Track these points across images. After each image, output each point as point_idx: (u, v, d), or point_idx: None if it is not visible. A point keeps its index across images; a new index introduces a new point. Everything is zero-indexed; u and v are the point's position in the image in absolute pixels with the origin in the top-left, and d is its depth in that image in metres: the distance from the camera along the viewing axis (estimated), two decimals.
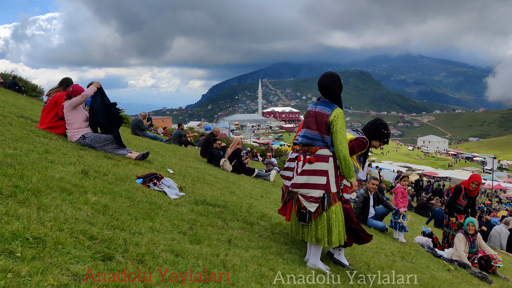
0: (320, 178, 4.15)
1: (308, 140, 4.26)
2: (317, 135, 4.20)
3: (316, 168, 4.17)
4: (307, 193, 4.20)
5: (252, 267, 3.59)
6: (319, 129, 4.18)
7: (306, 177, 4.21)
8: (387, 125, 4.97)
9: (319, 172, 4.16)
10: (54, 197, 3.56)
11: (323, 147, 4.18)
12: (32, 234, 2.68)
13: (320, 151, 4.18)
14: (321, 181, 4.14)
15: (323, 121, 4.16)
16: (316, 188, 4.15)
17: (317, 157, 4.17)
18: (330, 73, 4.37)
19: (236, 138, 12.79)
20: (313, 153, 4.20)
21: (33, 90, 24.10)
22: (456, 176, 69.10)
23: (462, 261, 7.74)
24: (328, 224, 4.18)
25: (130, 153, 7.07)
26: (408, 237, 9.06)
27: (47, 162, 4.78)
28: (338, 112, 4.15)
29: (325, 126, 4.15)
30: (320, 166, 4.16)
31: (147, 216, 4.05)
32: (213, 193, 6.54)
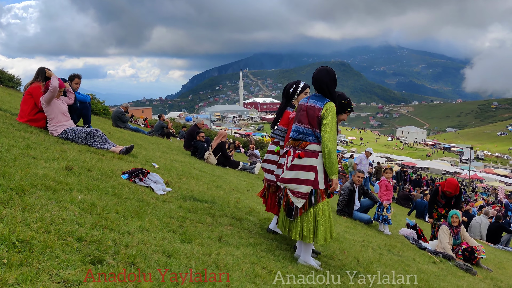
0: (308, 173, 4.07)
1: (299, 134, 4.17)
2: (308, 129, 4.11)
3: (305, 164, 4.09)
4: (295, 188, 4.12)
5: (245, 266, 3.52)
6: (311, 123, 4.09)
7: (295, 172, 4.12)
8: (343, 94, 4.75)
9: (307, 167, 4.08)
10: (39, 196, 3.43)
11: (313, 142, 4.10)
12: (18, 238, 2.56)
13: (310, 146, 4.10)
14: (309, 177, 4.06)
15: (314, 115, 4.08)
16: (304, 183, 4.07)
17: (307, 152, 4.09)
18: (325, 67, 4.28)
19: (221, 131, 12.68)
20: (303, 148, 4.12)
21: (9, 80, 23.46)
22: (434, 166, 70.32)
23: (447, 253, 7.83)
24: (314, 220, 4.11)
25: (114, 147, 6.91)
26: (392, 228, 9.12)
27: (30, 158, 4.61)
28: (330, 106, 4.07)
29: (316, 120, 4.07)
30: (309, 162, 4.08)
31: (135, 214, 3.94)
32: (199, 188, 6.44)
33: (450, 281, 6.22)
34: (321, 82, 4.17)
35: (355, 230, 7.54)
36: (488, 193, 48.37)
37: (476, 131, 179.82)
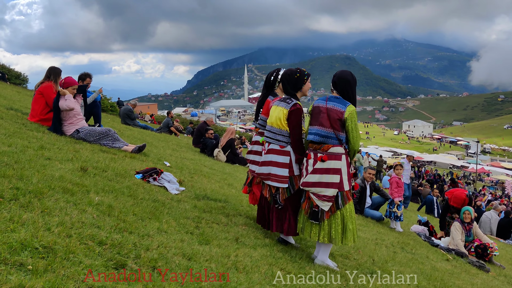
0: (333, 176, 4.04)
1: (321, 138, 4.10)
2: (331, 132, 4.05)
3: (329, 167, 4.05)
4: (320, 191, 4.07)
5: (264, 267, 3.51)
6: (333, 126, 4.04)
7: (318, 176, 4.08)
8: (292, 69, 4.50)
9: (332, 170, 4.05)
10: (57, 199, 3.43)
11: (336, 145, 4.06)
12: (41, 243, 2.55)
13: (333, 149, 4.06)
14: (335, 180, 4.03)
15: (336, 118, 4.02)
16: (329, 186, 4.04)
17: (330, 155, 4.05)
18: (349, 71, 4.28)
19: (230, 127, 12.67)
20: (325, 151, 4.08)
21: (16, 77, 23.55)
22: (441, 160, 70.03)
23: (459, 250, 7.78)
24: (342, 223, 4.09)
25: (126, 146, 6.91)
26: (403, 225, 9.09)
27: (44, 159, 4.62)
28: (352, 110, 4.05)
29: (339, 123, 4.03)
30: (333, 165, 4.05)
31: (152, 215, 3.93)
32: (212, 187, 6.44)
33: (464, 278, 6.19)
34: (346, 84, 4.14)
35: (367, 228, 7.51)
36: (495, 187, 48.17)
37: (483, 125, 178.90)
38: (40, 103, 7.03)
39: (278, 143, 4.38)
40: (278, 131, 4.36)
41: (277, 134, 4.37)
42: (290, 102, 4.31)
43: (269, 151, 4.44)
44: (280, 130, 4.34)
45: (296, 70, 4.45)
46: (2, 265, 2.23)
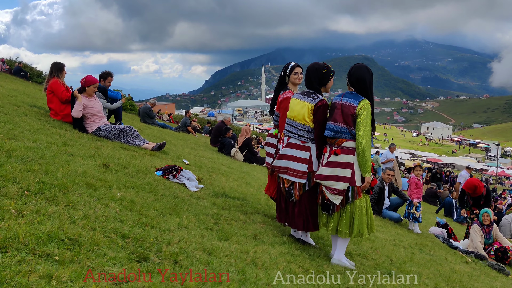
0: (345, 170, 4.03)
1: (334, 133, 4.11)
2: (344, 127, 4.05)
3: (341, 161, 4.04)
4: (331, 185, 4.08)
5: (282, 264, 3.54)
6: (346, 121, 4.04)
7: (331, 169, 4.08)
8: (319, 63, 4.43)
9: (344, 164, 4.04)
10: (81, 194, 3.51)
11: (350, 139, 4.05)
12: (66, 235, 2.63)
13: (347, 143, 4.05)
14: (346, 174, 4.03)
15: (349, 113, 4.02)
16: (340, 180, 4.04)
17: (343, 149, 4.05)
18: (364, 65, 4.21)
19: (244, 127, 12.69)
20: (339, 145, 4.08)
21: (38, 76, 24.01)
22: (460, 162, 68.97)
23: (479, 252, 7.70)
24: (351, 217, 4.09)
25: (146, 144, 7.00)
26: (421, 227, 9.01)
27: (68, 155, 4.72)
28: (365, 104, 4.01)
29: (351, 118, 4.01)
30: (345, 159, 4.04)
31: (173, 211, 4.00)
32: (230, 185, 6.49)
33: (484, 281, 6.13)
34: (361, 79, 4.11)
35: (385, 229, 7.48)
36: None
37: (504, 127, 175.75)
38: (54, 101, 7.11)
39: (299, 138, 4.34)
40: (300, 125, 4.32)
41: (299, 129, 4.34)
42: (316, 98, 4.28)
43: (289, 145, 4.40)
44: (302, 125, 4.30)
45: (324, 65, 4.41)
46: (31, 255, 2.30)
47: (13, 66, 22.70)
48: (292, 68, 4.90)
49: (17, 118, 5.98)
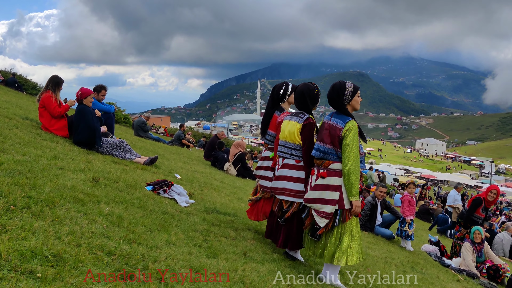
0: (332, 193, 3.98)
1: (321, 153, 4.07)
2: (331, 149, 4.01)
3: (328, 183, 4.00)
4: (320, 208, 4.03)
5: (271, 283, 3.50)
6: (333, 143, 3.99)
7: (318, 192, 4.04)
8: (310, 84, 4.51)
9: (332, 187, 3.99)
10: (68, 209, 3.47)
11: (336, 161, 4.00)
12: (50, 252, 2.59)
13: (333, 165, 4.01)
14: (334, 197, 3.97)
15: (336, 134, 3.98)
16: (328, 203, 3.98)
17: (330, 171, 4.01)
18: (335, 83, 4.17)
19: (237, 141, 12.63)
20: (326, 167, 4.04)
21: (33, 88, 23.90)
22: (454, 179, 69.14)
23: (471, 271, 7.66)
24: (338, 241, 4.02)
25: (138, 158, 6.97)
26: (414, 244, 8.98)
27: (57, 169, 4.69)
28: (351, 125, 3.96)
29: (337, 140, 3.97)
30: (333, 181, 3.99)
31: (161, 227, 3.96)
32: (221, 200, 6.45)
33: None
34: (332, 101, 4.12)
35: (377, 246, 7.45)
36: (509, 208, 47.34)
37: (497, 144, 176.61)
38: (45, 115, 7.00)
39: (293, 158, 4.38)
40: (292, 145, 4.36)
41: (292, 149, 4.38)
42: (303, 117, 4.35)
43: (284, 166, 4.43)
44: (294, 144, 4.35)
45: (314, 85, 4.49)
46: (12, 272, 2.26)
47: (8, 77, 22.63)
48: (293, 89, 4.91)
49: (8, 130, 5.93)
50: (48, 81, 7.28)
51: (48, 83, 7.23)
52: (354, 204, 3.95)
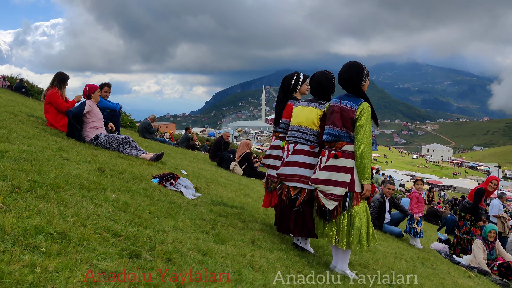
0: (344, 175, 3.86)
1: (333, 137, 3.96)
2: (343, 132, 3.90)
3: (341, 165, 3.88)
4: (328, 190, 3.91)
5: (280, 268, 3.41)
6: (345, 125, 3.88)
7: (328, 173, 3.92)
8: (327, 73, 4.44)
9: (343, 169, 3.87)
10: (74, 193, 3.41)
11: (349, 143, 3.89)
12: (55, 229, 2.52)
13: (347, 146, 3.89)
14: (345, 179, 3.86)
15: (348, 117, 3.87)
16: (338, 185, 3.87)
17: (343, 152, 3.89)
18: (349, 62, 4.07)
19: (244, 141, 12.56)
20: (339, 148, 3.92)
21: (39, 93, 23.98)
22: (461, 185, 68.75)
23: (482, 268, 7.53)
24: (349, 225, 3.90)
25: (144, 154, 6.91)
26: (423, 243, 8.85)
27: (63, 159, 4.63)
28: (365, 107, 3.86)
29: (350, 122, 3.87)
30: (345, 163, 3.87)
31: (168, 214, 3.89)
32: (228, 195, 6.38)
33: None
34: (345, 80, 3.99)
35: (386, 243, 7.33)
36: None
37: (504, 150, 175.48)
38: (51, 111, 7.02)
39: (308, 143, 4.27)
40: (309, 131, 4.27)
41: (308, 134, 4.27)
42: (323, 103, 4.29)
43: (296, 152, 4.31)
44: (311, 130, 4.26)
45: (330, 74, 4.43)
46: (16, 246, 2.20)
47: (14, 83, 22.74)
48: (305, 79, 4.88)
49: (13, 124, 5.90)
50: (53, 77, 7.28)
51: (53, 79, 7.23)
52: (365, 187, 3.84)
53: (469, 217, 8.61)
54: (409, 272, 5.32)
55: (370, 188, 3.87)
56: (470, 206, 8.58)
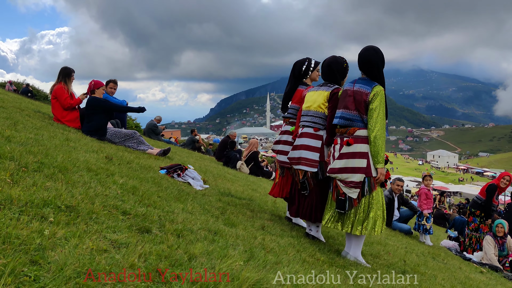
0: (360, 161, 3.77)
1: (346, 121, 3.88)
2: (356, 115, 3.83)
3: (355, 151, 3.79)
4: (347, 178, 3.82)
5: (291, 252, 3.34)
6: (358, 109, 3.81)
7: (344, 161, 3.83)
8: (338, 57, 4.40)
9: (358, 154, 3.78)
10: (82, 175, 3.36)
11: (362, 128, 3.82)
12: (64, 203, 2.47)
13: (360, 131, 3.81)
14: (362, 164, 3.77)
15: (362, 100, 3.79)
16: (356, 172, 3.78)
17: (356, 138, 3.81)
18: (372, 46, 3.98)
19: (252, 139, 12.52)
20: (351, 134, 3.85)
21: (44, 98, 24.07)
22: (467, 190, 68.16)
23: (493, 264, 7.40)
24: (367, 211, 3.82)
25: (151, 149, 6.86)
26: (432, 240, 8.72)
27: (70, 148, 4.58)
28: (378, 90, 3.79)
29: (364, 105, 3.79)
30: (359, 148, 3.79)
31: (177, 199, 3.83)
32: (236, 188, 6.32)
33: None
34: (370, 63, 3.89)
35: (396, 238, 7.23)
36: None
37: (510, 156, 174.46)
38: (57, 107, 6.98)
39: (313, 126, 4.23)
40: (315, 113, 4.23)
41: (314, 117, 4.23)
42: (331, 86, 4.25)
43: (302, 135, 4.29)
44: (317, 112, 4.22)
45: (343, 58, 4.38)
46: (24, 215, 2.14)
47: (21, 87, 22.86)
48: (316, 65, 4.84)
49: (20, 117, 5.88)
50: (59, 73, 7.26)
51: (59, 75, 7.21)
52: (380, 171, 3.77)
53: (479, 213, 8.46)
54: (421, 264, 5.23)
55: (384, 172, 3.80)
56: (482, 202, 8.43)
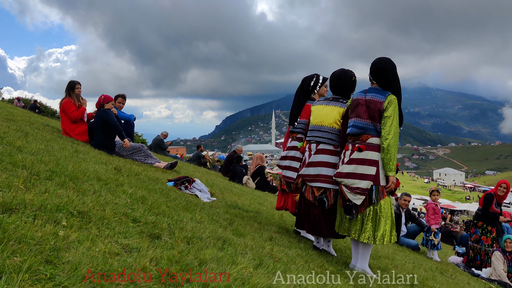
0: (369, 168, 3.77)
1: (358, 129, 3.88)
2: (369, 124, 3.83)
3: (366, 157, 3.79)
4: (353, 183, 3.81)
5: (300, 262, 3.34)
6: (372, 117, 3.81)
7: (353, 166, 3.82)
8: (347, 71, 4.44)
9: (368, 161, 3.78)
10: (92, 184, 3.40)
11: (375, 136, 3.81)
12: (75, 209, 2.50)
13: (372, 139, 3.81)
14: (370, 172, 3.76)
15: (376, 108, 3.79)
16: (363, 178, 3.77)
17: (368, 145, 3.81)
18: (386, 57, 4.01)
19: (258, 154, 12.53)
20: (364, 141, 3.84)
21: (52, 114, 24.30)
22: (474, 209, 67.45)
23: (502, 280, 7.31)
24: (375, 220, 3.80)
25: (158, 163, 6.91)
26: (440, 256, 8.65)
27: (79, 159, 4.63)
28: (392, 99, 3.80)
29: (378, 114, 3.79)
30: (370, 156, 3.78)
31: (185, 209, 3.86)
32: (243, 202, 6.33)
33: None
34: (386, 71, 3.90)
35: (403, 253, 7.18)
36: None
37: None
38: (65, 121, 7.05)
39: (331, 142, 4.23)
40: (330, 129, 4.23)
41: (330, 133, 4.23)
42: (345, 102, 4.27)
43: (320, 151, 4.25)
44: (333, 129, 4.22)
45: (352, 72, 4.42)
46: (38, 219, 2.17)
47: (28, 103, 23.14)
48: (324, 81, 4.89)
49: (30, 130, 5.95)
50: (66, 88, 7.35)
51: (65, 89, 7.30)
52: (391, 179, 3.75)
53: (480, 224, 8.39)
54: (430, 278, 5.19)
55: (395, 180, 3.79)
56: (481, 211, 8.41)
